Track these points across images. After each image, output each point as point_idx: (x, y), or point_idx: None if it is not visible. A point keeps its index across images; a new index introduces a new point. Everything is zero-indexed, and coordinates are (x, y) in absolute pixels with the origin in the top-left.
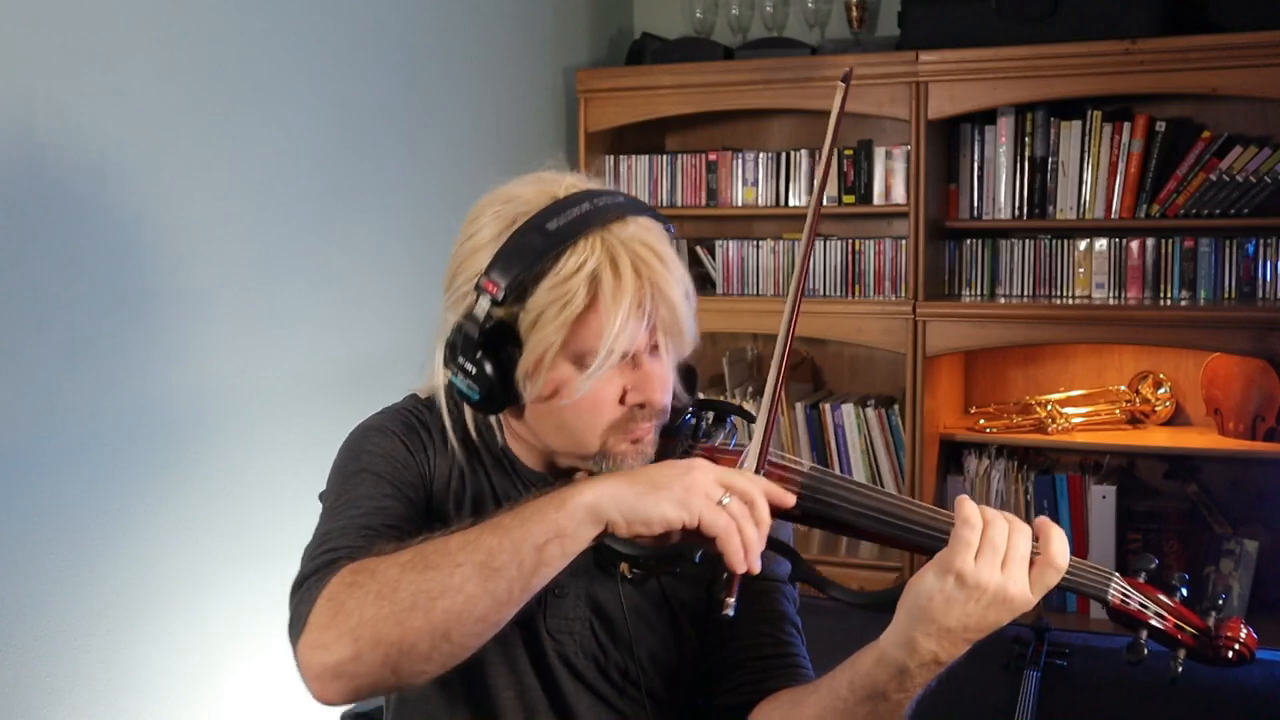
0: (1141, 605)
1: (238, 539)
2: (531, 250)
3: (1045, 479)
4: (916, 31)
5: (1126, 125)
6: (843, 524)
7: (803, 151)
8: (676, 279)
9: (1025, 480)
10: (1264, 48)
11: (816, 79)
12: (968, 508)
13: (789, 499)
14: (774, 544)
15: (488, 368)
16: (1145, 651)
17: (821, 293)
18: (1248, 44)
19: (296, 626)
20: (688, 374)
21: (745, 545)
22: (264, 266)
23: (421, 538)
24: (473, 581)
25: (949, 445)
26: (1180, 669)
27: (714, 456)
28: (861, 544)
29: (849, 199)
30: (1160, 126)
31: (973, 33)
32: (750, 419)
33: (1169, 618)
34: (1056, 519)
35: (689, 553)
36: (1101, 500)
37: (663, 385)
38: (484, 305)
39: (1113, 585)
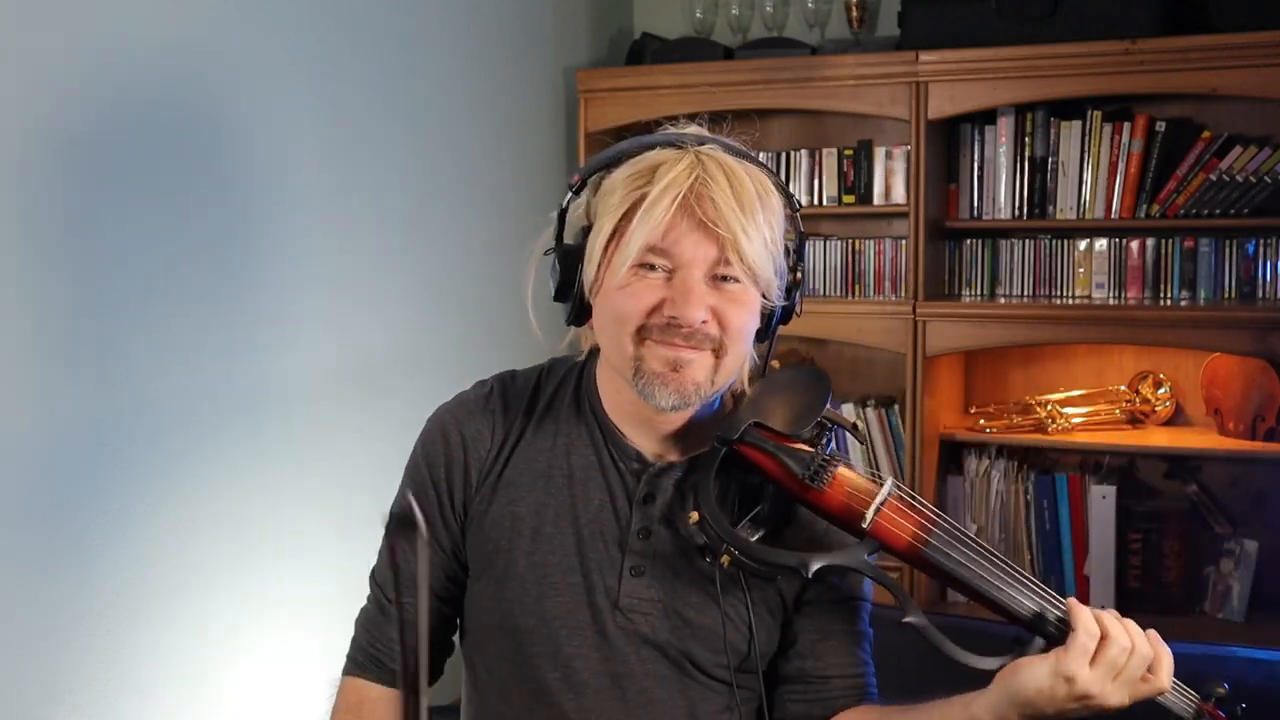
0: None
1: (238, 539)
2: (618, 149)
3: (1045, 479)
4: (916, 31)
5: (1126, 125)
6: (954, 578)
7: (803, 151)
8: (742, 207)
9: (1025, 480)
10: (1264, 48)
11: (816, 79)
12: (1087, 614)
13: None
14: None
15: (560, 259)
16: None
17: (821, 293)
18: (1248, 44)
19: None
20: (819, 378)
21: None
22: (263, 267)
23: None
24: None
25: (949, 445)
26: None
27: (849, 480)
28: None
29: (849, 199)
30: (1160, 126)
31: (973, 33)
32: (861, 438)
33: None
34: (1056, 519)
35: (805, 567)
36: (1101, 500)
37: (698, 302)
38: (567, 197)
39: (1195, 709)
